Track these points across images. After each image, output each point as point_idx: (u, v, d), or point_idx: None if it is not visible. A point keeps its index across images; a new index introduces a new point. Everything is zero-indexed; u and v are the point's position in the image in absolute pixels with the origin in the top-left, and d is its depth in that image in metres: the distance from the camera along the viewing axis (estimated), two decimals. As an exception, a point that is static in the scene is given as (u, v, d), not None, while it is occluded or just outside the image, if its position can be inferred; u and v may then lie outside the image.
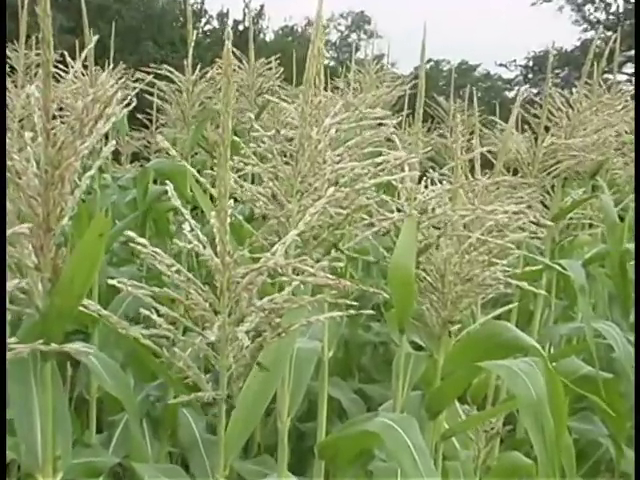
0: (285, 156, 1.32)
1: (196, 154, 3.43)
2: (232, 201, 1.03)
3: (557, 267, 2.44)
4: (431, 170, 1.77)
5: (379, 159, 1.32)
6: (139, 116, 4.01)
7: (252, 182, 1.45)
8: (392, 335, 1.68)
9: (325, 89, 1.42)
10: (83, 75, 2.32)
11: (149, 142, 4.30)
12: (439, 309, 1.60)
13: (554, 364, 1.65)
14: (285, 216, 1.27)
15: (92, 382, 2.41)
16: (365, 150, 1.38)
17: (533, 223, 1.77)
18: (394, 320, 1.59)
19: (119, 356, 2.32)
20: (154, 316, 1.04)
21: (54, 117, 1.07)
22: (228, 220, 1.01)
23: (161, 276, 1.09)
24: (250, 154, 1.33)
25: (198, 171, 1.39)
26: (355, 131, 1.52)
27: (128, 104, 1.16)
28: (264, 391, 1.13)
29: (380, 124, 1.50)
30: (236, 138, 1.37)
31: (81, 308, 1.09)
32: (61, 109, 1.97)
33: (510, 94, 25.08)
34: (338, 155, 1.32)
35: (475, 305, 1.81)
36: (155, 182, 3.23)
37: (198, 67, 2.69)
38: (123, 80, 2.62)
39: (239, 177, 1.33)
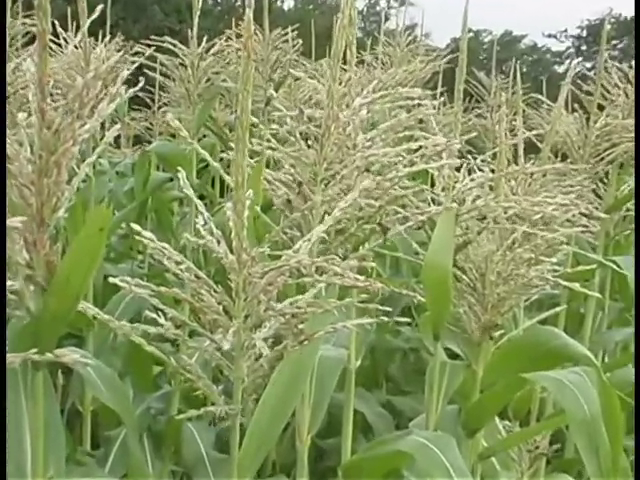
0: (309, 139, 1.32)
1: (204, 137, 3.44)
2: (251, 191, 1.03)
3: (612, 265, 2.43)
4: (469, 155, 1.77)
5: (415, 145, 1.31)
6: (139, 94, 4.01)
7: (266, 167, 1.44)
8: (425, 342, 1.68)
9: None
10: (76, 48, 2.32)
11: (151, 124, 4.30)
12: (479, 313, 1.60)
13: (608, 375, 1.64)
14: (308, 208, 1.28)
15: (86, 392, 2.42)
16: (400, 134, 1.37)
17: (584, 215, 1.76)
18: (428, 325, 1.59)
19: (117, 363, 2.33)
20: (161, 319, 1.04)
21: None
22: (246, 213, 1.01)
23: (164, 274, 1.09)
24: (269, 136, 1.33)
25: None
26: (386, 112, 1.52)
27: (134, 82, 1.16)
28: (283, 405, 1.12)
29: (415, 105, 1.49)
30: (254, 119, 1.37)
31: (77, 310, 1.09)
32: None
33: (560, 69, 25.00)
34: (369, 139, 1.32)
35: (518, 308, 1.81)
36: (158, 168, 3.24)
37: (205, 39, 2.68)
38: (123, 53, 2.62)
39: (256, 162, 1.32)
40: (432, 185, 1.61)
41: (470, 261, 1.59)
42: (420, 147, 1.33)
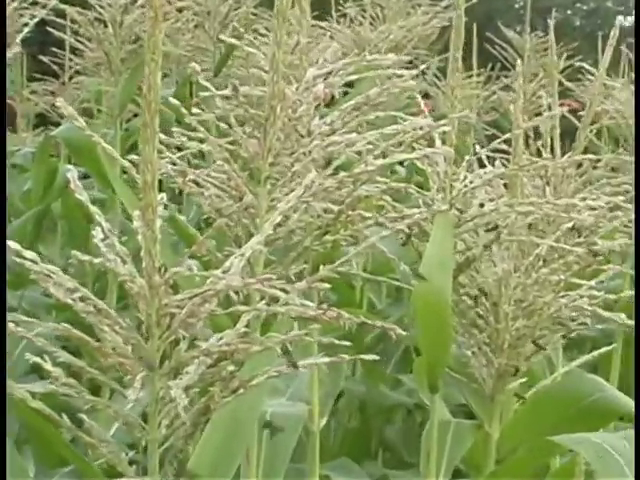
0: (249, 126, 1.34)
1: (135, 116, 3.45)
2: (164, 195, 1.06)
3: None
4: (486, 142, 1.79)
5: (389, 129, 1.33)
6: (43, 59, 4.00)
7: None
8: (422, 394, 1.70)
9: (321, 19, 1.44)
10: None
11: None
12: (491, 355, 1.62)
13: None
14: (248, 216, 1.31)
15: (-30, 466, 2.43)
16: (371, 116, 1.39)
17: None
18: (422, 372, 1.60)
19: (13, 427, 2.34)
20: (48, 365, 1.06)
21: None
22: (159, 222, 1.03)
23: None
24: (195, 124, 1.35)
25: (134, 144, 1.40)
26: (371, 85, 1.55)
27: (37, 43, 1.19)
28: (218, 475, 1.14)
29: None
30: (174, 101, 1.39)
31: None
32: None
33: (626, 21, 24.91)
34: (329, 124, 1.35)
35: (552, 349, 1.82)
36: (69, 160, 3.25)
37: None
38: (18, 5, 2.64)
39: (181, 158, 1.35)
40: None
41: (477, 286, 1.62)
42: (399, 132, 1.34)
